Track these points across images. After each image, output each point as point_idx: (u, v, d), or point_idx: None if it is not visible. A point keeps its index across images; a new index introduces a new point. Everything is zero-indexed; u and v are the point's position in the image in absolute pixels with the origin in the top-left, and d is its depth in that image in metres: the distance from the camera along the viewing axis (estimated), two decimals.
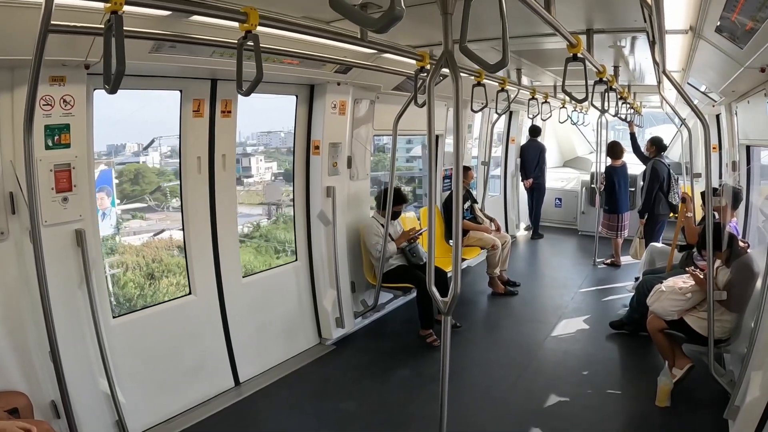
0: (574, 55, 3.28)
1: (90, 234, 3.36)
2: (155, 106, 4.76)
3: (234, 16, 2.48)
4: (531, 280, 7.83)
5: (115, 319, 3.78)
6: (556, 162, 12.94)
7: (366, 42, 3.34)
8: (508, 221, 10.33)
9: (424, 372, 4.96)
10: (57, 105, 3.08)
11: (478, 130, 9.14)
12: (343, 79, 4.93)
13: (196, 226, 4.40)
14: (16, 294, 3.13)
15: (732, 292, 4.14)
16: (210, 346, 4.49)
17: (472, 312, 6.55)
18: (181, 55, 3.33)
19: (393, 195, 5.35)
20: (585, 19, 3.80)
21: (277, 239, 7.48)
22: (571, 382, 4.73)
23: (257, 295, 4.91)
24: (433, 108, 2.17)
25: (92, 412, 3.42)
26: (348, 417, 4.25)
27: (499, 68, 2.11)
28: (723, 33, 2.97)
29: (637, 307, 5.32)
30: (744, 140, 5.81)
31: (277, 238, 7.47)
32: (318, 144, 5.24)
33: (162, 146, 6.52)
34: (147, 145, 6.50)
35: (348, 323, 5.60)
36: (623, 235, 8.33)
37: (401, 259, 5.81)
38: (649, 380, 4.46)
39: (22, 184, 2.98)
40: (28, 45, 2.35)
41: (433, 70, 2.25)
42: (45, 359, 3.15)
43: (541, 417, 4.21)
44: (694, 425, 4.01)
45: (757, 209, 5.81)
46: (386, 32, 1.50)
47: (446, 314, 2.39)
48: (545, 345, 5.57)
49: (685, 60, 4.57)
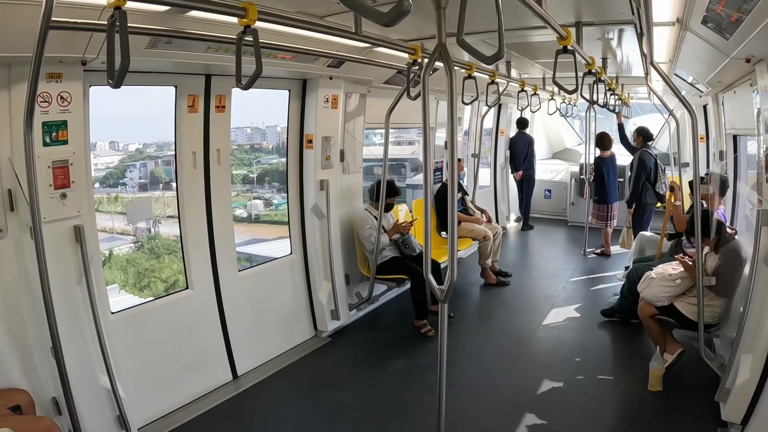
0: (564, 47, 3.32)
1: (88, 230, 3.38)
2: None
3: (233, 12, 2.51)
4: (522, 270, 7.90)
5: (113, 315, 3.79)
6: (545, 154, 13.01)
7: (360, 36, 3.36)
8: (499, 213, 10.40)
9: (419, 362, 5.02)
10: (54, 102, 3.08)
11: (467, 122, 9.19)
12: (335, 73, 4.96)
13: (192, 220, 4.42)
14: (16, 291, 3.14)
15: (721, 278, 4.22)
16: (208, 340, 4.52)
17: (464, 303, 6.61)
18: (177, 51, 3.34)
19: (386, 187, 5.40)
20: (574, 11, 3.84)
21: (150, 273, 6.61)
22: (563, 370, 4.80)
23: (253, 289, 4.95)
24: (428, 100, 2.22)
25: (93, 407, 3.44)
26: (344, 407, 4.30)
27: (496, 60, 2.15)
28: (709, 24, 3.02)
29: (628, 295, 5.41)
30: (731, 130, 5.89)
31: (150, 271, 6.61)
32: (311, 138, 5.27)
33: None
34: None
35: (343, 315, 5.65)
36: (612, 224, 8.43)
37: (395, 251, 5.86)
38: (641, 366, 4.54)
39: (22, 181, 2.98)
40: (25, 42, 2.38)
41: (427, 63, 2.29)
42: (46, 356, 3.17)
43: (535, 404, 4.27)
44: (686, 408, 4.09)
45: (744, 197, 5.89)
46: (394, 25, 1.55)
47: (443, 302, 2.44)
48: (537, 334, 5.64)
49: (672, 51, 4.64)
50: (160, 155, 7.21)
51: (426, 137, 2.51)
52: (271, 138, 9.06)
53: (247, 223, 8.60)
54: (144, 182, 7.40)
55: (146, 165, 7.41)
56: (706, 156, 7.90)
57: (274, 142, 8.96)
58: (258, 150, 9.18)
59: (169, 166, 7.44)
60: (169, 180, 7.44)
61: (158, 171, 7.32)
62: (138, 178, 7.38)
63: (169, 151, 7.03)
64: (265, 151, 9.13)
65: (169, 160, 7.40)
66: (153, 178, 7.40)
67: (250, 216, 8.80)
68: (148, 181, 7.40)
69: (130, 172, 7.35)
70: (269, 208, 8.87)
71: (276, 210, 8.73)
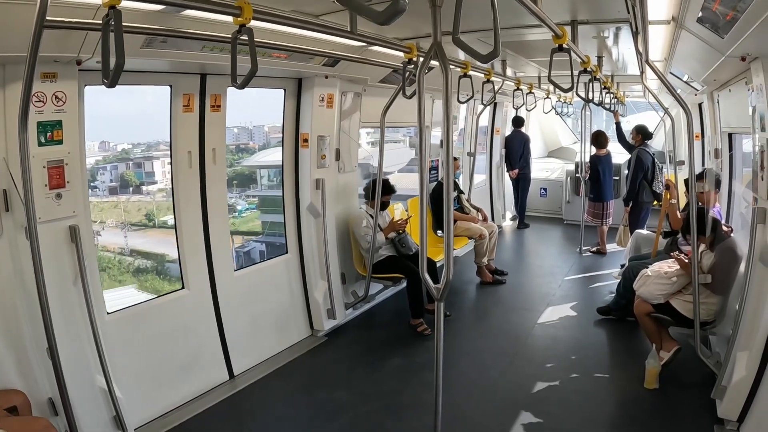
0: (560, 45, 3.32)
1: (84, 230, 3.36)
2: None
3: (229, 11, 2.50)
4: (518, 269, 7.91)
5: (109, 315, 3.78)
6: (541, 152, 13.04)
7: (356, 35, 3.36)
8: (494, 211, 10.42)
9: (416, 360, 5.03)
10: (49, 101, 3.07)
11: (462, 121, 9.20)
12: (330, 72, 4.95)
13: (188, 220, 4.42)
14: (11, 292, 3.12)
15: (716, 276, 4.24)
16: (204, 340, 4.51)
17: (460, 301, 6.62)
18: (172, 50, 3.33)
19: (381, 186, 5.40)
20: (569, 10, 3.84)
21: None
22: (560, 368, 4.81)
23: (249, 289, 4.94)
24: (424, 99, 2.22)
25: (90, 408, 3.42)
26: (341, 406, 4.30)
27: (492, 58, 2.15)
28: (704, 23, 3.03)
29: (624, 293, 5.43)
30: (726, 128, 5.90)
31: None
32: (306, 137, 5.26)
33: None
34: None
35: (339, 314, 5.65)
36: (608, 222, 8.45)
37: (391, 250, 5.86)
38: (637, 363, 4.56)
39: (17, 182, 2.97)
40: (19, 41, 2.36)
41: (423, 62, 2.29)
42: (41, 357, 3.15)
43: (532, 402, 4.28)
44: (683, 406, 4.10)
45: (739, 195, 5.91)
46: (390, 24, 1.55)
47: (439, 300, 2.44)
48: (534, 332, 5.65)
49: (668, 50, 4.64)
50: (132, 158, 7.03)
51: (421, 136, 2.51)
52: (258, 138, 8.92)
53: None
54: (114, 186, 7.18)
55: (117, 167, 7.19)
56: (701, 154, 7.92)
57: (261, 141, 8.79)
58: (244, 150, 9.01)
59: (140, 169, 7.30)
60: (139, 183, 7.28)
61: (128, 174, 7.15)
62: (109, 182, 7.17)
63: (155, 151, 6.95)
64: (251, 151, 8.93)
65: (140, 162, 7.26)
66: (123, 181, 7.18)
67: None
68: (119, 185, 7.19)
69: (101, 174, 7.13)
70: (231, 215, 8.48)
71: (239, 217, 8.29)
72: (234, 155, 8.61)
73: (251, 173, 5.38)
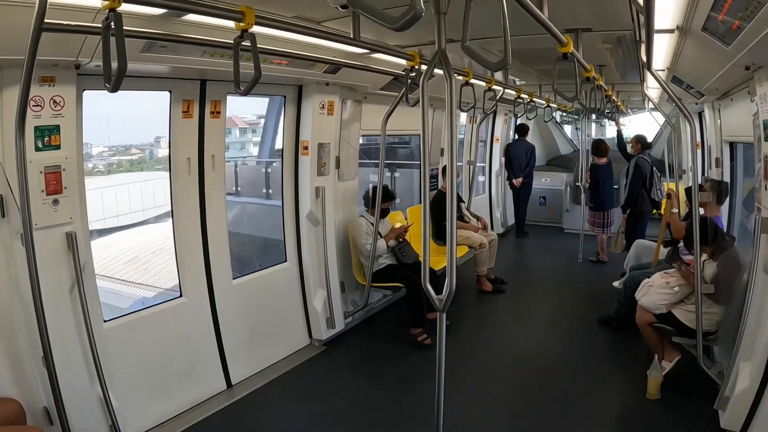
0: (564, 54, 3.31)
1: (81, 237, 3.31)
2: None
3: (231, 15, 2.48)
4: (518, 277, 7.86)
5: (106, 323, 3.73)
6: (540, 161, 13.00)
7: (359, 42, 3.34)
8: (494, 219, 10.40)
9: (416, 370, 4.97)
10: (47, 106, 3.03)
11: (462, 129, 9.20)
12: (331, 79, 4.92)
13: (186, 227, 4.37)
14: (7, 299, 3.08)
15: (719, 285, 4.20)
16: (201, 349, 4.46)
17: (460, 310, 6.57)
18: (172, 55, 3.30)
19: (381, 193, 5.37)
20: (572, 18, 3.84)
21: None
22: (561, 378, 4.77)
23: (248, 297, 4.89)
24: (427, 107, 2.20)
25: (86, 417, 3.37)
26: (340, 416, 4.25)
27: (502, 66, 2.14)
28: (709, 32, 3.01)
29: (625, 302, 5.39)
30: (728, 137, 5.90)
31: None
32: (306, 144, 5.22)
33: None
34: None
35: (338, 323, 5.60)
36: (609, 231, 8.42)
37: (391, 259, 5.82)
38: (639, 373, 4.52)
39: (13, 187, 2.93)
40: (17, 44, 2.32)
41: (427, 70, 2.27)
42: (37, 365, 3.11)
43: (533, 412, 4.24)
44: (685, 416, 4.07)
45: (741, 204, 5.90)
46: (406, 30, 1.52)
47: (441, 311, 2.41)
48: (534, 341, 5.61)
49: (671, 58, 4.63)
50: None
51: (424, 144, 2.49)
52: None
53: None
54: None
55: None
56: (701, 163, 7.92)
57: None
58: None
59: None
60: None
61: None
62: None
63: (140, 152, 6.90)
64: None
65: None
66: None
67: None
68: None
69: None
70: None
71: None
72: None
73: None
